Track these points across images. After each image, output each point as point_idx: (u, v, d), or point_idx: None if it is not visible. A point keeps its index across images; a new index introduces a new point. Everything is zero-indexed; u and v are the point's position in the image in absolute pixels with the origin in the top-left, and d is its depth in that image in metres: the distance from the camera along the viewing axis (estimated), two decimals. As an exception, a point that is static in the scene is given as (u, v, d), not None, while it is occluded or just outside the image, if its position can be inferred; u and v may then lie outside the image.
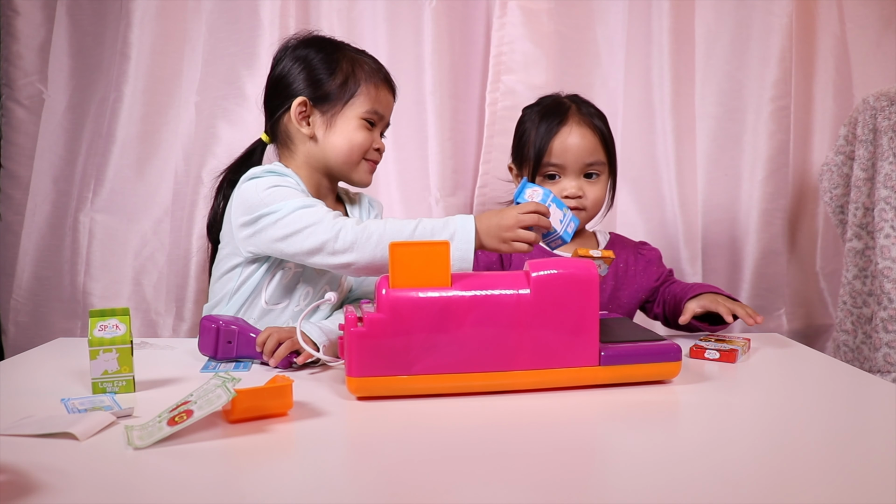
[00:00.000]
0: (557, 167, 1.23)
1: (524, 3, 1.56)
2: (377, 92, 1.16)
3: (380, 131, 1.20)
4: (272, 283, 1.12)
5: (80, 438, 0.70)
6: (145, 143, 1.54)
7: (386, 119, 1.20)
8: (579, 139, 1.23)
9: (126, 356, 0.88)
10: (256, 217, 1.05)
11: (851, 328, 1.52)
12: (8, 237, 1.58)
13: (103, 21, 1.56)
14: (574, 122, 1.24)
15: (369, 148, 1.16)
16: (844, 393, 0.94)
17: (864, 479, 0.64)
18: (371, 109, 1.15)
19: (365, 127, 1.15)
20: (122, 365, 0.88)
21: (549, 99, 1.31)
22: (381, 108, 1.17)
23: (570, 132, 1.23)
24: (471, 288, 0.86)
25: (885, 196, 1.41)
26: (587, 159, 1.24)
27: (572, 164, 1.23)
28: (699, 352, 1.06)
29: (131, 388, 0.88)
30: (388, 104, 1.19)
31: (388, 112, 1.20)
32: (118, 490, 0.62)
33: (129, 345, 0.88)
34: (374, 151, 1.17)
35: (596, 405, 0.85)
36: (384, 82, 1.18)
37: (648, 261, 1.32)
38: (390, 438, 0.75)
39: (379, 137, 1.19)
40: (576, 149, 1.23)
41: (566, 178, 1.24)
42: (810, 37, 1.64)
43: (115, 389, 0.87)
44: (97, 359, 0.87)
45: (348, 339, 0.84)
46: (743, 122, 1.62)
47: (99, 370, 0.87)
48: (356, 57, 1.17)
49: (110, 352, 0.87)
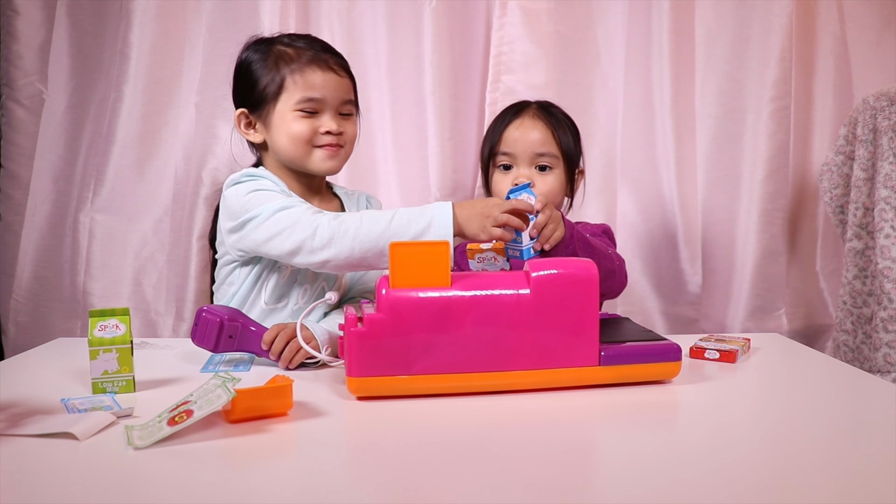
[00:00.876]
0: (509, 156, 1.27)
1: (524, 3, 1.56)
2: (304, 77, 1.11)
3: (332, 113, 1.14)
4: (269, 284, 1.12)
5: (80, 438, 0.70)
6: (145, 143, 1.54)
7: (329, 100, 1.12)
8: (530, 130, 1.27)
9: (126, 356, 0.88)
10: (242, 223, 1.05)
11: (851, 328, 1.52)
12: (8, 237, 1.58)
13: (103, 21, 1.56)
14: (528, 116, 1.29)
15: (312, 134, 1.12)
16: (844, 393, 0.94)
17: (864, 479, 0.64)
18: (301, 98, 1.11)
19: (302, 117, 1.12)
20: (122, 365, 0.88)
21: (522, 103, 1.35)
22: (313, 93, 1.11)
23: (521, 124, 1.28)
24: (471, 288, 0.86)
25: (885, 196, 1.41)
26: (537, 149, 1.26)
27: (522, 154, 1.26)
28: (699, 352, 1.06)
29: (131, 388, 0.88)
30: (323, 85, 1.12)
31: (329, 91, 1.12)
32: (118, 490, 0.62)
33: (129, 345, 0.88)
34: (321, 136, 1.13)
35: (596, 405, 0.85)
36: (311, 64, 1.11)
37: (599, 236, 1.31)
38: (390, 438, 0.75)
39: (328, 120, 1.13)
40: (526, 139, 1.26)
41: (517, 167, 1.27)
42: (810, 37, 1.64)
43: (115, 389, 0.87)
44: (97, 359, 0.87)
45: (348, 339, 0.84)
46: (743, 122, 1.62)
47: (99, 370, 0.87)
48: (281, 49, 1.13)
49: (110, 352, 0.87)
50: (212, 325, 1.00)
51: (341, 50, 1.51)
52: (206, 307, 1.01)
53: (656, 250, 1.63)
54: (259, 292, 1.12)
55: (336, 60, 1.15)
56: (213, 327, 1.00)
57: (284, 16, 1.52)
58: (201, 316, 1.00)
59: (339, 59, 1.16)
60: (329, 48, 1.17)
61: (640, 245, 1.63)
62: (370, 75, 1.57)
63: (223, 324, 1.00)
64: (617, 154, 1.62)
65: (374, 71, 1.57)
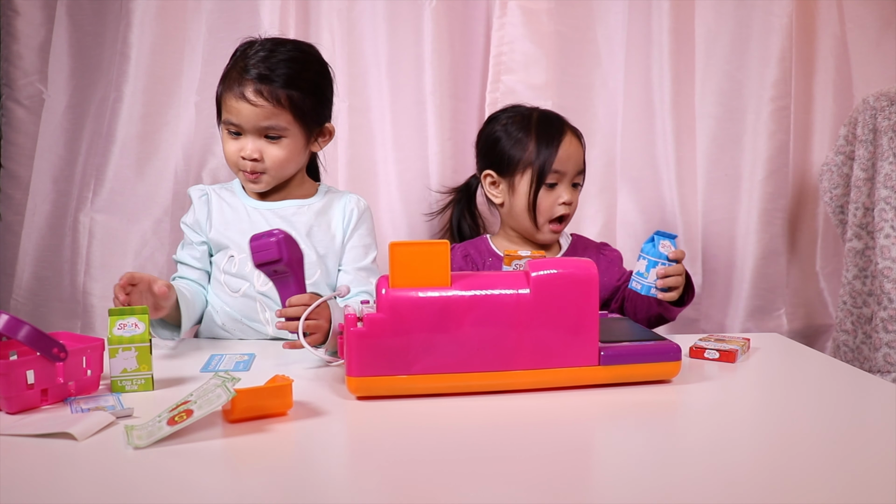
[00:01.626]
0: (559, 174, 1.29)
1: (524, 3, 1.56)
2: (226, 101, 1.16)
3: (253, 137, 1.15)
4: (232, 269, 1.19)
5: (78, 438, 0.70)
6: (145, 143, 1.54)
7: (246, 126, 1.14)
8: (576, 149, 1.32)
9: (145, 354, 0.88)
10: None
11: (851, 328, 1.52)
12: (8, 237, 1.58)
13: (103, 21, 1.56)
14: (570, 133, 1.32)
15: (236, 157, 1.17)
16: (844, 393, 0.94)
17: (864, 479, 0.64)
18: (226, 119, 1.16)
19: (229, 137, 1.17)
20: (140, 363, 0.88)
21: (524, 109, 1.37)
22: (231, 118, 1.15)
23: (570, 142, 1.31)
24: (470, 288, 0.86)
25: (885, 196, 1.41)
26: (579, 168, 1.32)
27: (570, 173, 1.30)
28: (699, 352, 1.06)
29: (150, 387, 0.89)
30: (237, 112, 1.14)
31: (243, 119, 1.14)
32: (118, 490, 0.62)
33: (147, 343, 0.89)
34: (241, 160, 1.16)
35: (596, 405, 0.85)
36: (231, 90, 1.14)
37: (610, 261, 1.37)
38: (390, 438, 0.75)
39: (248, 144, 1.15)
40: (574, 158, 1.30)
41: (562, 185, 1.30)
42: (810, 37, 1.64)
43: (134, 387, 0.88)
44: (116, 357, 0.88)
45: (348, 339, 0.84)
46: (743, 122, 1.62)
47: (118, 368, 0.88)
48: (233, 63, 1.17)
49: (129, 350, 0.88)
50: (272, 251, 0.95)
51: (341, 50, 1.52)
52: (285, 234, 0.97)
53: (656, 250, 1.63)
54: (227, 277, 1.19)
55: (257, 88, 1.13)
56: (272, 253, 0.95)
57: (284, 16, 1.52)
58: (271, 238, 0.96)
59: (263, 86, 1.13)
60: (263, 75, 1.13)
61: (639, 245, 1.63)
62: (370, 75, 1.57)
63: (280, 260, 0.96)
64: (617, 154, 1.62)
65: (374, 71, 1.57)
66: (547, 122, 1.33)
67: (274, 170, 1.18)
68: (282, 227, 1.14)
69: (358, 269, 1.23)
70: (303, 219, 1.22)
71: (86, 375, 0.86)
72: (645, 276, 1.12)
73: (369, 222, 1.28)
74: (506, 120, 1.34)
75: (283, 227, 1.14)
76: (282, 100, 1.14)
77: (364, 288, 1.21)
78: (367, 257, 1.25)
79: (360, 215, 1.26)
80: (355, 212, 1.25)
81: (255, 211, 1.21)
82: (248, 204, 1.22)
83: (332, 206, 1.25)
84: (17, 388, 0.79)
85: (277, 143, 1.17)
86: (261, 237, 0.96)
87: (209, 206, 1.23)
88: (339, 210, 1.25)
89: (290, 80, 1.15)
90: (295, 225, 1.20)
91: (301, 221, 1.21)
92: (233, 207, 1.22)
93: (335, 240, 1.23)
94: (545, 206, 1.29)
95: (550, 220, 1.31)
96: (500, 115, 1.38)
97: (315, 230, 1.22)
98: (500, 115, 1.37)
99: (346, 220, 1.24)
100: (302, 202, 1.23)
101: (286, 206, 1.22)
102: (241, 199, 1.23)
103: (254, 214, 1.21)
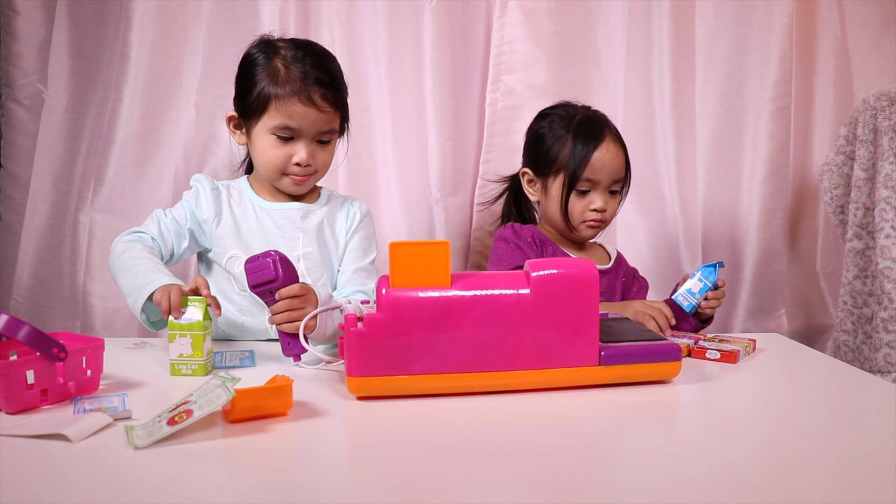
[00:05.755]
0: (591, 182, 1.27)
1: (524, 3, 1.56)
2: (285, 105, 1.11)
3: (307, 142, 1.14)
4: (234, 268, 1.17)
5: (73, 440, 0.70)
6: (145, 143, 1.54)
7: (306, 130, 1.13)
8: (614, 157, 1.28)
9: (199, 342, 0.94)
10: None
11: (852, 328, 1.52)
12: (8, 237, 1.58)
13: (103, 21, 1.56)
14: (610, 140, 1.28)
15: (284, 164, 1.15)
16: (844, 393, 0.94)
17: (864, 479, 0.64)
18: (280, 124, 1.12)
19: (277, 141, 1.14)
20: (195, 350, 0.94)
21: (572, 109, 1.33)
22: (292, 123, 1.12)
23: (607, 149, 1.27)
24: (471, 288, 0.86)
25: (886, 196, 1.41)
26: (616, 176, 1.29)
27: (605, 181, 1.27)
28: (700, 352, 1.06)
29: (202, 372, 0.94)
30: (302, 117, 1.12)
31: (306, 124, 1.13)
32: (118, 490, 0.62)
33: (202, 332, 0.94)
34: (293, 166, 1.15)
35: (596, 405, 0.85)
36: (294, 96, 1.11)
37: (640, 288, 1.39)
38: (390, 438, 0.75)
39: (301, 150, 1.14)
40: (610, 166, 1.27)
41: (595, 192, 1.28)
42: (810, 37, 1.64)
43: (188, 371, 0.94)
44: (174, 342, 0.94)
45: (348, 339, 0.84)
46: (743, 122, 1.62)
47: (175, 353, 0.94)
48: (277, 66, 1.13)
49: (185, 336, 0.94)
50: (268, 271, 0.96)
51: (341, 50, 1.52)
52: (281, 255, 0.97)
53: (656, 250, 1.63)
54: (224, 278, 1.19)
55: (323, 93, 1.13)
56: (269, 273, 0.96)
57: (284, 16, 1.52)
58: (268, 259, 0.97)
59: (327, 91, 1.13)
60: (322, 79, 1.13)
61: (640, 245, 1.63)
62: (370, 75, 1.56)
63: (276, 280, 0.96)
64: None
65: (374, 71, 1.57)
66: (587, 126, 1.29)
67: (320, 171, 1.19)
68: (289, 229, 1.18)
69: (356, 270, 1.23)
70: (310, 221, 1.22)
71: (86, 375, 0.86)
72: (695, 296, 1.20)
73: (370, 226, 1.28)
74: (552, 118, 1.33)
75: (291, 230, 1.18)
76: (339, 105, 1.16)
77: (360, 288, 1.21)
78: (366, 258, 1.25)
79: (362, 219, 1.27)
80: (358, 215, 1.26)
81: (262, 211, 1.21)
82: (256, 204, 1.22)
83: (337, 210, 1.25)
84: (17, 388, 0.79)
85: (326, 147, 1.18)
86: (256, 259, 0.98)
87: (219, 202, 1.20)
88: (344, 214, 1.25)
89: (343, 85, 1.18)
90: (303, 227, 1.20)
91: (309, 224, 1.21)
92: (242, 207, 1.22)
93: (339, 244, 1.24)
94: (576, 212, 1.28)
95: (584, 220, 1.29)
96: (549, 111, 1.35)
97: (321, 233, 1.22)
98: (549, 112, 1.35)
99: (349, 224, 1.25)
100: (308, 206, 1.23)
101: (293, 209, 1.22)
102: (250, 199, 1.23)
103: (261, 215, 1.20)
